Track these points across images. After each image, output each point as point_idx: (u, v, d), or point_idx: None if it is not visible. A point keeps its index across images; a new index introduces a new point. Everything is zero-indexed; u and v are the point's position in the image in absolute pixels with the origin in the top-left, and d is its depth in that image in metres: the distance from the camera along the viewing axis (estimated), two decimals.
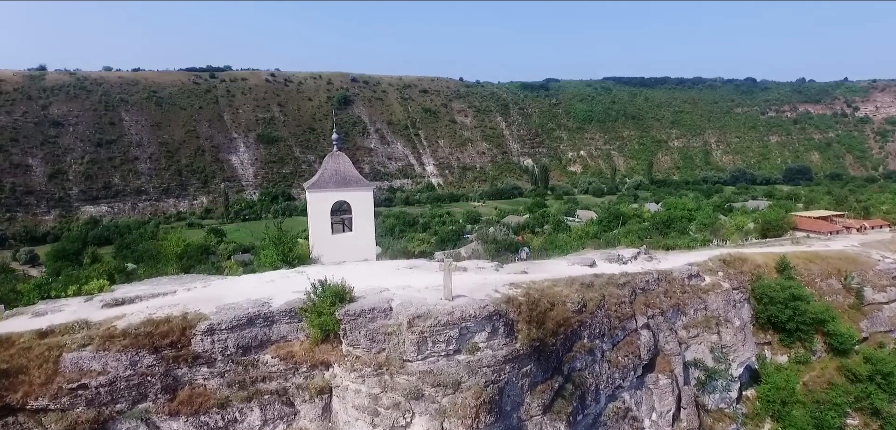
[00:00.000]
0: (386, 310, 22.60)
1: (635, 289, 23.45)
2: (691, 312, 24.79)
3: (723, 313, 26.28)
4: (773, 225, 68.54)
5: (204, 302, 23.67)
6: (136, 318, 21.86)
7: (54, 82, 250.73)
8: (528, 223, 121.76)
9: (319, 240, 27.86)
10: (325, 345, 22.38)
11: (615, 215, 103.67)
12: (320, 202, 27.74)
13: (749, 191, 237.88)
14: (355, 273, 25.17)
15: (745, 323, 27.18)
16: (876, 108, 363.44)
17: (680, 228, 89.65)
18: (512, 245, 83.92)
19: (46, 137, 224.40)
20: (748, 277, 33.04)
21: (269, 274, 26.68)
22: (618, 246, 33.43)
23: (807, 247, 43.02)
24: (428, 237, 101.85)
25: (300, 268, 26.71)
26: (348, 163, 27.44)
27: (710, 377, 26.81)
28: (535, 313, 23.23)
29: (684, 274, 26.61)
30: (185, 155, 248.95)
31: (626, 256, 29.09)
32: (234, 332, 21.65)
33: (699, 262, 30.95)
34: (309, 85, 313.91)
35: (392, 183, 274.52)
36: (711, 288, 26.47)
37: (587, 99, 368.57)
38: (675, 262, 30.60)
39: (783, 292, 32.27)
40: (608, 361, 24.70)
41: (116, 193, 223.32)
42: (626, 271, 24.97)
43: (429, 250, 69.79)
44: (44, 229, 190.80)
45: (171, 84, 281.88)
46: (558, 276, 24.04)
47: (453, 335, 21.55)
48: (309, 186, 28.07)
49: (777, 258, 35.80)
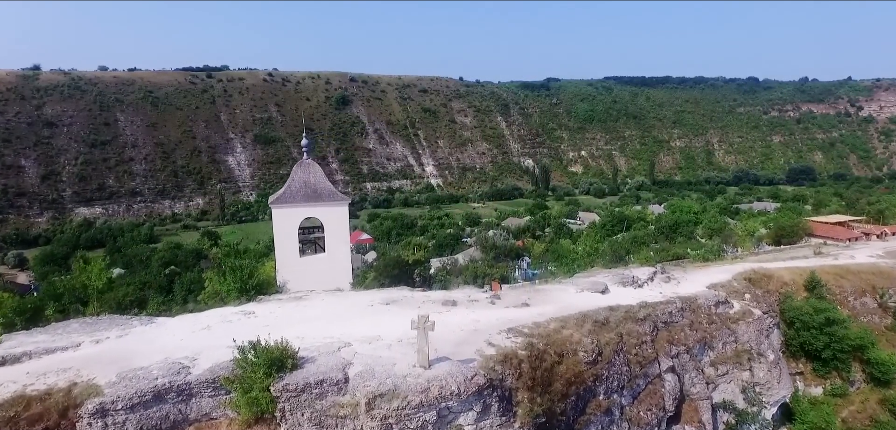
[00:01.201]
0: (339, 382, 17.18)
1: (657, 323, 19.83)
2: (719, 345, 21.31)
3: (755, 346, 22.80)
4: (786, 231, 65.11)
5: (106, 364, 18.23)
6: (4, 392, 16.31)
7: (48, 82, 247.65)
8: (528, 227, 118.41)
9: (285, 264, 23.93)
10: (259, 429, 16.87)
11: (619, 219, 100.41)
12: (286, 220, 23.45)
13: (753, 192, 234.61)
14: (315, 315, 20.11)
15: (779, 357, 23.75)
16: (880, 107, 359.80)
17: (686, 232, 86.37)
18: (512, 251, 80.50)
19: (40, 137, 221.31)
20: (775, 296, 29.69)
21: (207, 316, 21.69)
22: (630, 264, 29.29)
23: (833, 259, 39.61)
24: (425, 242, 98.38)
25: (256, 301, 21.75)
26: (320, 173, 23.59)
27: (740, 420, 23.55)
28: (540, 373, 18.46)
29: (710, 301, 23.12)
30: (181, 156, 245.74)
31: (641, 277, 25.62)
32: (136, 412, 16.04)
33: (722, 282, 27.43)
34: (307, 85, 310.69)
35: (391, 184, 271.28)
36: (741, 316, 23.08)
37: (588, 98, 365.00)
38: (696, 282, 27.11)
39: (817, 315, 28.76)
40: (628, 419, 20.22)
41: (111, 194, 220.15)
42: (645, 301, 21.26)
43: (425, 258, 66.34)
44: (36, 231, 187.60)
45: (168, 84, 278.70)
46: (566, 310, 19.94)
47: (429, 420, 16.50)
48: (273, 200, 24.10)
49: (805, 275, 32.39)
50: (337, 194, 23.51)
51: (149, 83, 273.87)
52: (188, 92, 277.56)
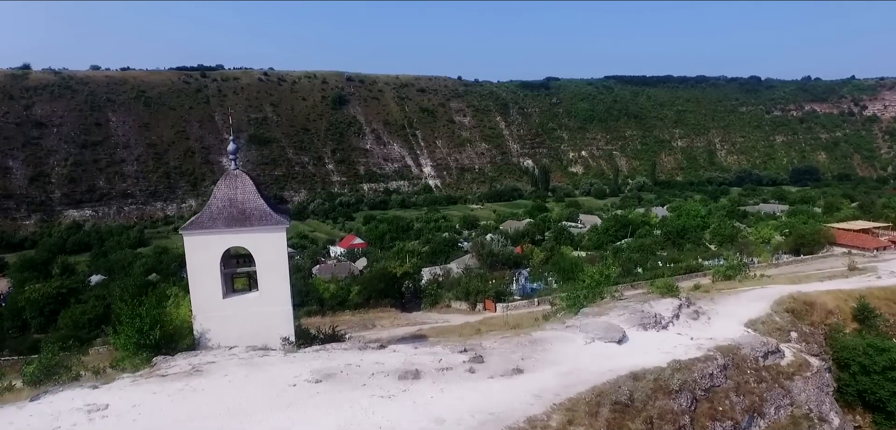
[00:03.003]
0: None
1: (695, 393, 14.82)
2: (772, 411, 16.27)
3: (815, 408, 17.57)
4: (807, 240, 60.20)
5: None
6: None
7: (38, 82, 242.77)
8: (527, 231, 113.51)
9: (205, 307, 18.32)
10: None
11: (623, 223, 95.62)
12: (202, 251, 17.69)
13: (757, 192, 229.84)
14: (203, 411, 12.81)
15: (844, 421, 18.66)
16: (884, 106, 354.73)
17: (695, 238, 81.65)
18: (510, 259, 75.71)
19: (28, 138, 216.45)
20: (821, 330, 24.89)
21: (65, 397, 13.71)
22: (647, 292, 23.69)
23: (876, 278, 34.70)
24: (419, 247, 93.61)
25: (127, 379, 15.16)
26: (250, 188, 18.24)
27: None
28: None
29: (757, 350, 17.99)
30: (174, 157, 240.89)
31: (664, 315, 20.53)
32: None
33: (762, 317, 22.36)
34: (303, 84, 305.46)
35: (388, 185, 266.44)
36: (796, 369, 18.04)
37: (588, 98, 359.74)
38: (729, 316, 22.11)
39: (879, 356, 23.89)
40: None
41: (101, 196, 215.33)
42: (677, 359, 15.87)
43: (414, 269, 61.79)
44: (23, 234, 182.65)
45: (161, 83, 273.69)
46: (573, 380, 14.24)
47: None
48: (185, 227, 18.93)
49: (852, 300, 27.52)
50: (271, 215, 18.10)
51: (141, 83, 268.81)
52: (182, 92, 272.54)
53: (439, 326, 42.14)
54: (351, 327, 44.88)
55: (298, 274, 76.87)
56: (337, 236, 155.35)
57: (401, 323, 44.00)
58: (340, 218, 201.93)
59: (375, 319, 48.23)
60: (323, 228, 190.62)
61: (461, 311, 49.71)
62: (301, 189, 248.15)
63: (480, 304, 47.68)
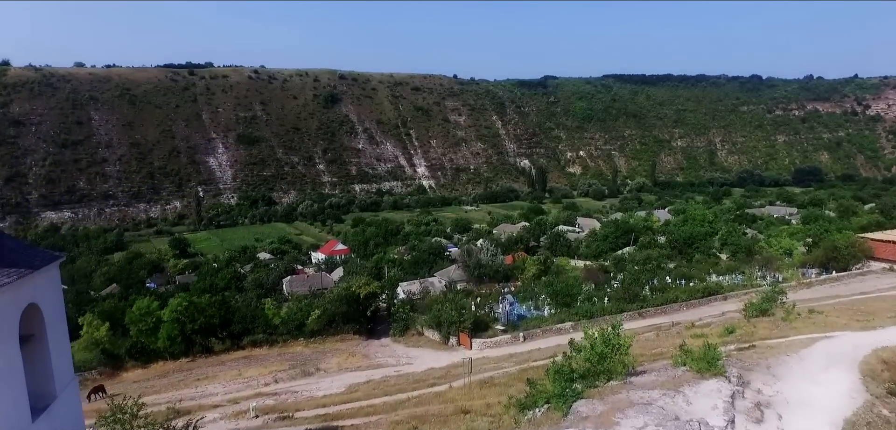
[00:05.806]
0: None
1: None
2: None
3: None
4: (841, 253, 52.63)
5: None
6: None
7: (18, 78, 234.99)
8: (522, 237, 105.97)
9: None
10: None
11: (624, 230, 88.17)
12: None
13: (760, 193, 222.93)
14: None
15: None
16: (888, 105, 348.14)
17: (704, 248, 74.19)
18: (498, 272, 68.22)
19: (5, 137, 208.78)
20: None
21: None
22: (680, 375, 14.98)
23: None
24: (402, 256, 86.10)
25: None
26: None
27: None
28: None
29: None
30: (159, 157, 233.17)
31: (710, 419, 12.56)
32: None
33: (860, 409, 14.51)
34: (294, 83, 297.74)
35: (381, 186, 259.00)
36: None
37: (587, 97, 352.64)
38: (810, 409, 13.93)
39: None
40: None
41: (81, 197, 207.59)
42: None
43: (391, 284, 54.40)
44: None
45: (147, 81, 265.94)
46: None
47: None
48: None
49: None
50: None
51: (126, 80, 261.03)
52: (168, 90, 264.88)
53: (397, 372, 34.37)
54: (294, 364, 37.26)
55: (258, 291, 68.80)
56: (324, 240, 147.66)
57: (354, 364, 36.32)
58: (329, 220, 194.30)
59: (332, 350, 40.73)
60: (310, 231, 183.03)
61: (433, 343, 41.88)
62: (290, 190, 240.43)
63: (455, 337, 40.10)
